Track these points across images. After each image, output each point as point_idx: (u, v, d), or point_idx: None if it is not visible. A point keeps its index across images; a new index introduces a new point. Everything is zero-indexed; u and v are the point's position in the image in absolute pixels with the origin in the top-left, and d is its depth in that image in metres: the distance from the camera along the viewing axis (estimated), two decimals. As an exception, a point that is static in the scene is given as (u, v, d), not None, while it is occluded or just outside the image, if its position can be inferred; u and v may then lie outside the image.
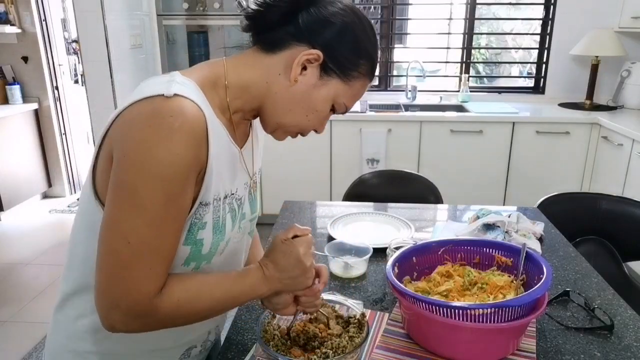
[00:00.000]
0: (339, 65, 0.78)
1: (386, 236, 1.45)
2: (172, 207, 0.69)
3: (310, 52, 0.76)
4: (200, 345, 0.94)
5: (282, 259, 0.81)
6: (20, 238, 3.60)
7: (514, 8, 4.08)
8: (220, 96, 0.79)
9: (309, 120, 0.82)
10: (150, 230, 0.68)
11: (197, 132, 0.69)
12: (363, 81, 0.82)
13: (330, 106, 0.82)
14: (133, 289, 0.68)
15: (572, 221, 1.77)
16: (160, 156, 0.66)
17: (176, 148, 0.67)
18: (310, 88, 0.79)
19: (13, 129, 3.86)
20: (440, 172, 3.20)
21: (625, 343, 0.98)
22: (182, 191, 0.70)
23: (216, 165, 0.75)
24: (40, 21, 3.95)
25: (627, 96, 3.43)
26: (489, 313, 0.85)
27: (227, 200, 0.82)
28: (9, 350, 2.35)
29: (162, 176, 0.67)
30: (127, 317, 0.69)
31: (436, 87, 3.88)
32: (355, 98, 0.84)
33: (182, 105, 0.68)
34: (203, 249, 0.78)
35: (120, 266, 0.68)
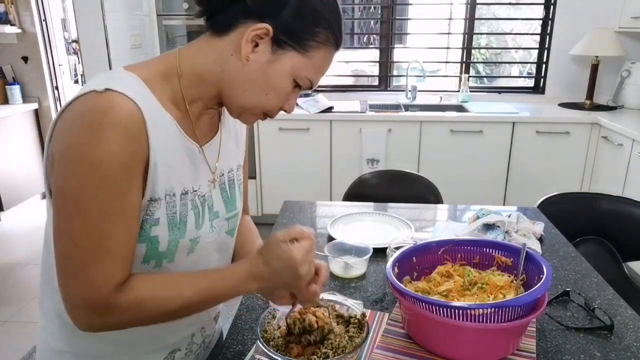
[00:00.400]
0: (292, 36, 0.74)
1: (386, 236, 1.45)
2: (116, 205, 0.68)
3: (258, 27, 0.72)
4: (185, 349, 0.93)
5: (275, 262, 0.77)
6: (20, 238, 3.60)
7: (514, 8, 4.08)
8: (174, 87, 0.77)
9: (269, 99, 0.78)
10: (97, 232, 0.68)
11: (130, 127, 0.68)
12: (325, 51, 0.77)
13: (292, 82, 0.78)
14: (88, 289, 0.69)
15: (572, 221, 1.77)
16: (94, 156, 0.65)
17: (109, 145, 0.65)
18: (265, 65, 0.75)
19: (13, 129, 3.86)
20: (440, 172, 3.19)
21: (625, 343, 0.98)
22: (124, 188, 0.68)
23: (162, 159, 0.73)
24: (40, 21, 3.95)
25: (627, 96, 3.43)
26: (489, 313, 0.85)
27: (187, 197, 0.80)
28: (9, 350, 2.35)
29: (99, 176, 0.66)
30: (88, 315, 0.71)
31: (436, 87, 3.88)
32: (320, 70, 0.79)
33: (113, 99, 0.67)
34: (160, 246, 0.77)
35: (74, 268, 0.69)
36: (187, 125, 0.79)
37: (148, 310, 0.74)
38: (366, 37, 4.22)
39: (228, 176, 0.91)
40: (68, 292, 0.70)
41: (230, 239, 0.94)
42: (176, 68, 0.77)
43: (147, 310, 0.73)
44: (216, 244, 0.89)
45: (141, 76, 0.74)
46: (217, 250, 0.91)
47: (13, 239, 3.60)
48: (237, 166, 0.95)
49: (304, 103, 3.41)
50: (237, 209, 0.93)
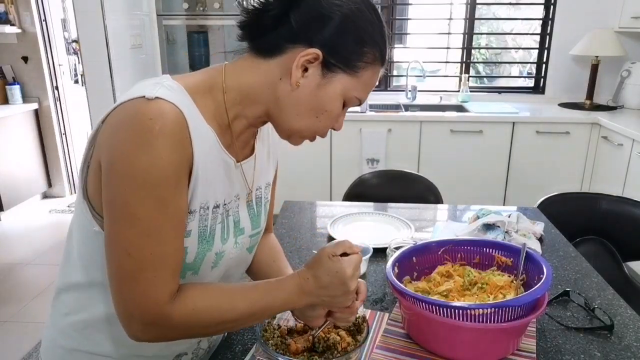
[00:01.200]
0: (341, 59, 0.74)
1: (386, 236, 1.45)
2: (166, 212, 0.68)
3: (308, 52, 0.72)
4: (191, 353, 0.93)
5: (326, 276, 0.77)
6: (20, 238, 3.60)
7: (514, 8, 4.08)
8: (218, 101, 0.77)
9: (320, 122, 0.78)
10: (149, 240, 0.67)
11: (178, 134, 0.68)
12: (372, 69, 0.77)
13: (341, 102, 0.78)
14: (143, 299, 0.68)
15: (572, 221, 1.77)
16: (143, 163, 0.65)
17: (159, 152, 0.66)
18: (315, 89, 0.75)
19: (13, 129, 3.86)
20: (440, 172, 3.19)
21: (625, 343, 0.98)
22: (174, 194, 0.68)
23: (202, 171, 0.73)
24: (40, 21, 3.95)
25: (627, 96, 3.43)
26: (489, 313, 0.85)
27: (218, 210, 0.80)
28: (9, 350, 2.35)
29: (149, 183, 0.66)
30: (144, 326, 0.70)
31: (436, 87, 3.88)
32: (368, 88, 0.79)
33: (162, 107, 0.67)
34: (187, 257, 0.77)
35: (127, 278, 0.68)
36: (225, 140, 0.79)
37: (204, 321, 0.73)
38: (366, 37, 4.22)
39: (256, 194, 0.91)
40: (123, 302, 0.70)
41: (249, 255, 0.94)
42: (222, 83, 0.77)
43: (203, 321, 0.73)
44: (237, 260, 0.89)
45: (187, 87, 0.74)
46: (237, 265, 0.91)
47: (13, 239, 3.60)
48: (267, 184, 0.95)
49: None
50: (261, 226, 0.93)
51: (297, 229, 1.54)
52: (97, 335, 0.82)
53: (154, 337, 0.72)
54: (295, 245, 1.43)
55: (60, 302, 0.86)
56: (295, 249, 1.41)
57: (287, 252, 1.38)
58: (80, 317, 0.83)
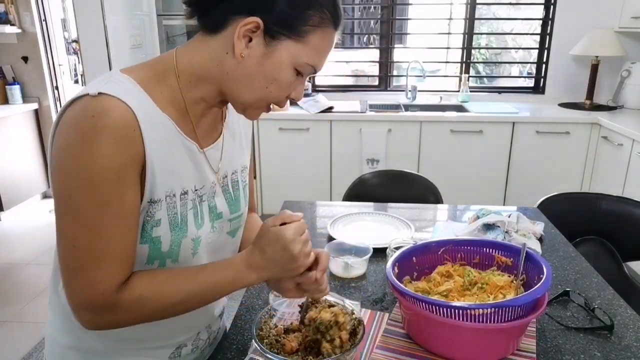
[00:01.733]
0: (283, 25, 0.72)
1: (386, 236, 1.45)
2: (109, 208, 0.69)
3: (247, 21, 0.71)
4: (191, 344, 0.94)
5: (268, 246, 0.78)
6: (20, 238, 3.60)
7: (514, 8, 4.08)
8: (172, 87, 0.77)
9: (271, 92, 0.77)
10: (92, 234, 0.69)
11: (123, 130, 0.68)
12: (322, 33, 0.74)
13: (292, 70, 0.76)
14: (89, 289, 0.70)
15: (572, 221, 1.77)
16: (84, 161, 0.66)
17: (100, 150, 0.66)
18: (261, 58, 0.74)
19: (13, 129, 3.86)
20: (440, 172, 3.19)
21: (625, 343, 0.98)
22: (117, 190, 0.69)
23: (160, 161, 0.74)
24: (40, 21, 3.95)
25: (627, 96, 3.43)
26: (489, 313, 0.85)
27: (187, 197, 0.80)
28: (9, 350, 2.35)
29: (91, 180, 0.67)
30: (92, 315, 0.72)
31: (436, 87, 3.88)
32: (320, 53, 0.77)
33: (106, 103, 0.67)
34: (162, 246, 0.78)
35: (73, 270, 0.70)
36: (186, 126, 0.79)
37: (151, 307, 0.74)
38: (366, 37, 4.23)
39: (232, 178, 0.91)
40: (71, 292, 0.71)
41: (232, 239, 0.94)
42: (174, 68, 0.77)
43: (150, 307, 0.74)
44: (217, 245, 0.89)
45: (137, 78, 0.74)
46: (218, 250, 0.91)
47: (13, 239, 3.60)
48: (242, 168, 0.94)
49: (304, 103, 3.41)
50: (241, 210, 0.93)
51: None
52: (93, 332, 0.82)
53: (103, 324, 0.74)
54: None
55: (54, 301, 0.87)
56: (295, 249, 1.41)
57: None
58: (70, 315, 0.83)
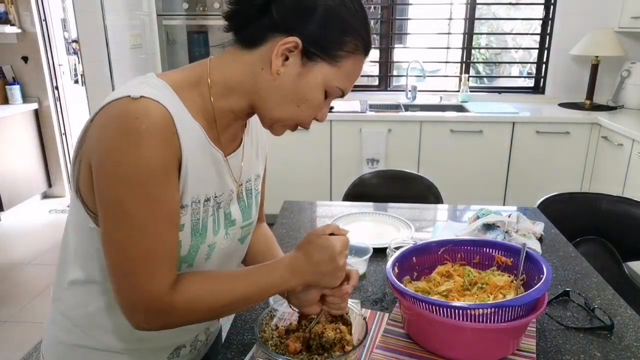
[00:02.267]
0: (321, 48, 0.74)
1: (386, 236, 1.45)
2: (158, 208, 0.70)
3: (287, 41, 0.73)
4: (189, 345, 0.95)
5: (316, 252, 0.81)
6: (20, 238, 3.60)
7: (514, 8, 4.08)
8: (204, 96, 0.78)
9: (301, 111, 0.79)
10: (143, 236, 0.69)
11: (165, 131, 0.69)
12: (355, 59, 0.77)
13: (323, 92, 0.78)
14: (143, 292, 0.71)
15: (572, 221, 1.77)
16: (132, 162, 0.67)
17: (146, 151, 0.67)
18: (296, 77, 0.76)
19: (13, 129, 3.86)
20: (440, 172, 3.19)
21: (625, 343, 0.98)
22: (164, 190, 0.70)
23: (192, 166, 0.75)
24: (40, 21, 3.95)
25: (627, 96, 3.43)
26: (489, 313, 0.85)
27: (209, 204, 0.81)
28: (9, 350, 2.35)
29: (139, 181, 0.68)
30: (147, 317, 0.73)
31: (436, 87, 3.88)
32: (350, 78, 0.79)
33: (147, 106, 0.68)
34: (181, 250, 0.78)
35: (125, 273, 0.71)
36: (213, 135, 0.80)
37: (204, 306, 0.76)
38: (366, 37, 4.22)
39: (246, 186, 0.92)
40: (125, 297, 0.72)
41: (241, 245, 0.95)
42: (207, 78, 0.78)
43: (204, 307, 0.76)
44: (229, 251, 0.90)
45: (172, 84, 0.75)
46: (228, 256, 0.92)
47: (13, 239, 3.60)
48: (256, 176, 0.96)
49: (304, 103, 3.41)
50: (252, 218, 0.94)
51: (297, 229, 1.54)
52: (97, 330, 0.84)
53: (159, 326, 0.75)
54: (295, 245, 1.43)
55: (59, 299, 0.87)
56: (295, 249, 1.41)
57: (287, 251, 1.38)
58: (80, 312, 0.84)
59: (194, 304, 0.75)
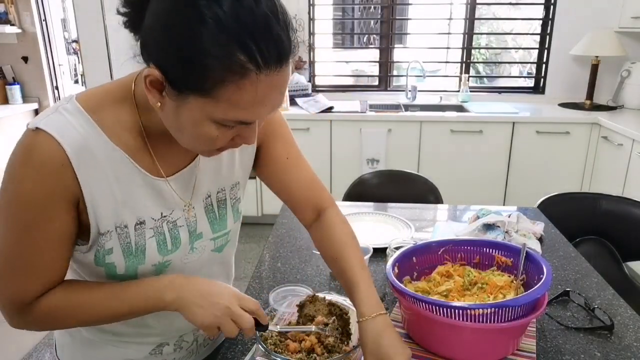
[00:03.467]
0: (180, 80, 0.61)
1: (386, 236, 1.45)
2: (33, 233, 0.72)
3: (147, 73, 0.63)
4: (173, 344, 0.94)
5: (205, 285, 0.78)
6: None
7: (514, 8, 4.08)
8: (132, 115, 0.74)
9: (201, 143, 0.68)
10: (14, 251, 0.73)
11: (48, 166, 0.69)
12: (235, 85, 0.60)
13: (212, 125, 0.65)
14: (9, 294, 0.76)
15: (572, 221, 1.77)
16: (12, 189, 0.71)
17: (25, 182, 0.69)
18: (176, 111, 0.65)
19: (13, 129, 3.86)
20: (440, 172, 3.19)
21: (625, 343, 0.98)
22: (41, 219, 0.71)
23: (104, 194, 0.73)
24: (40, 21, 3.95)
25: (627, 96, 3.43)
26: (489, 313, 0.85)
27: (145, 226, 0.78)
28: (9, 350, 2.35)
29: (16, 206, 0.71)
30: (10, 316, 0.78)
31: (436, 87, 3.88)
32: (244, 106, 0.62)
33: (36, 140, 0.69)
34: (117, 269, 0.79)
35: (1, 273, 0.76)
36: (145, 155, 0.76)
37: (63, 316, 0.78)
38: (366, 37, 4.22)
39: (217, 197, 0.88)
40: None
41: (218, 254, 0.92)
42: (132, 95, 0.74)
43: (62, 317, 0.78)
44: (200, 263, 0.88)
45: (89, 107, 0.72)
46: (202, 267, 0.89)
47: (13, 239, 3.59)
48: (232, 185, 0.90)
49: (304, 103, 3.41)
50: (228, 228, 0.91)
51: (297, 229, 1.54)
52: None
53: (21, 326, 0.79)
54: (295, 245, 1.43)
55: None
56: (295, 249, 1.41)
57: (287, 252, 1.38)
58: None
59: (50, 315, 0.77)
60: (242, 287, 1.17)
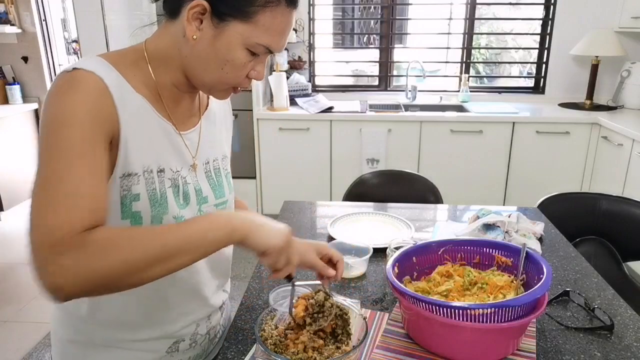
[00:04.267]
0: (228, 6, 0.74)
1: (386, 236, 1.45)
2: (81, 154, 0.69)
3: (193, 4, 0.74)
4: (189, 339, 0.95)
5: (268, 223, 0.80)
6: (20, 238, 3.60)
7: (514, 8, 4.08)
8: (145, 72, 0.81)
9: (227, 73, 0.79)
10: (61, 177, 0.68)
11: (95, 94, 0.72)
12: (271, 12, 0.75)
13: (244, 51, 0.77)
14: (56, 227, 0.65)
15: (572, 221, 1.77)
16: (60, 108, 0.70)
17: (75, 99, 0.70)
18: (212, 40, 0.76)
19: (13, 129, 3.86)
20: (440, 172, 3.20)
21: (625, 343, 0.98)
22: (89, 141, 0.70)
23: (135, 135, 0.77)
24: (40, 21, 3.95)
25: (627, 96, 3.44)
26: (489, 313, 0.85)
27: (164, 175, 0.82)
28: (9, 350, 2.35)
29: (61, 129, 0.69)
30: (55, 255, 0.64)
31: (436, 87, 3.88)
32: (273, 33, 0.77)
33: (80, 74, 0.72)
34: (143, 221, 0.79)
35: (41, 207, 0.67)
36: (161, 108, 0.83)
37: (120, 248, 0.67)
38: (366, 37, 4.22)
39: (213, 164, 0.94)
40: (36, 233, 0.65)
41: None
42: (144, 55, 0.81)
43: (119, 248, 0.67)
44: None
45: (112, 62, 0.77)
46: None
47: (13, 239, 3.60)
48: (222, 156, 0.98)
49: (304, 103, 3.41)
50: (226, 196, 0.96)
51: (297, 229, 1.54)
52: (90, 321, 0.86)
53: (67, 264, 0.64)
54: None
55: None
56: (295, 249, 1.41)
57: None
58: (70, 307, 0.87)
59: (107, 245, 0.66)
60: (242, 287, 1.17)
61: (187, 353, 0.96)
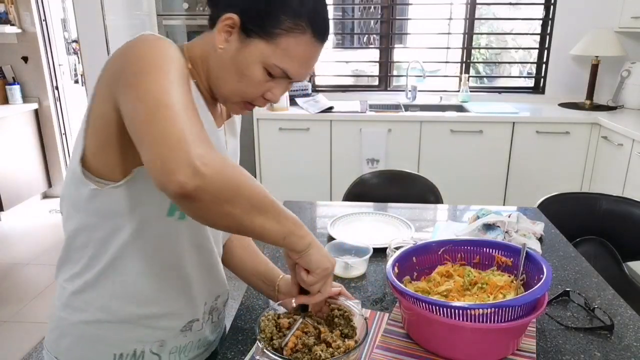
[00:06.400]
0: (256, 24, 0.77)
1: (386, 236, 1.45)
2: (188, 92, 0.72)
3: (225, 17, 0.78)
4: (202, 318, 0.96)
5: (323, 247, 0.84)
6: (20, 238, 3.60)
7: (514, 8, 4.08)
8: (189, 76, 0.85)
9: (243, 86, 0.82)
10: (182, 110, 0.66)
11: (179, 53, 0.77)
12: (295, 39, 0.78)
13: (262, 70, 0.80)
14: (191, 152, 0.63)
15: (572, 221, 1.77)
16: (157, 50, 0.72)
17: (169, 49, 0.74)
18: (235, 53, 0.79)
19: (13, 129, 3.86)
20: (440, 172, 3.19)
21: (625, 343, 0.98)
22: (185, 82, 0.73)
23: None
24: (40, 21, 3.95)
25: (627, 96, 3.44)
26: (489, 313, 0.85)
27: None
28: (9, 350, 2.35)
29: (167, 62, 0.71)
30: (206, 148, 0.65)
31: (436, 87, 3.88)
32: (293, 59, 0.79)
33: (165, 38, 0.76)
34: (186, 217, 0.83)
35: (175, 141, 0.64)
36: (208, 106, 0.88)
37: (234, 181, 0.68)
38: (366, 37, 4.22)
39: None
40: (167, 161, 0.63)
41: None
42: (186, 57, 0.84)
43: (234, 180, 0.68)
44: None
45: None
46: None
47: (13, 239, 3.60)
48: None
49: (304, 103, 3.41)
50: None
51: (297, 229, 1.54)
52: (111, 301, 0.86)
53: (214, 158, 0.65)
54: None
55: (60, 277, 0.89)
56: (295, 249, 1.41)
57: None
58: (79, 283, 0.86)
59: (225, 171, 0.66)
60: (242, 287, 1.17)
61: (197, 335, 0.96)
